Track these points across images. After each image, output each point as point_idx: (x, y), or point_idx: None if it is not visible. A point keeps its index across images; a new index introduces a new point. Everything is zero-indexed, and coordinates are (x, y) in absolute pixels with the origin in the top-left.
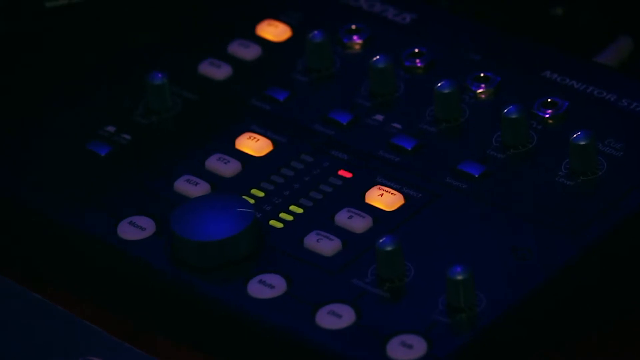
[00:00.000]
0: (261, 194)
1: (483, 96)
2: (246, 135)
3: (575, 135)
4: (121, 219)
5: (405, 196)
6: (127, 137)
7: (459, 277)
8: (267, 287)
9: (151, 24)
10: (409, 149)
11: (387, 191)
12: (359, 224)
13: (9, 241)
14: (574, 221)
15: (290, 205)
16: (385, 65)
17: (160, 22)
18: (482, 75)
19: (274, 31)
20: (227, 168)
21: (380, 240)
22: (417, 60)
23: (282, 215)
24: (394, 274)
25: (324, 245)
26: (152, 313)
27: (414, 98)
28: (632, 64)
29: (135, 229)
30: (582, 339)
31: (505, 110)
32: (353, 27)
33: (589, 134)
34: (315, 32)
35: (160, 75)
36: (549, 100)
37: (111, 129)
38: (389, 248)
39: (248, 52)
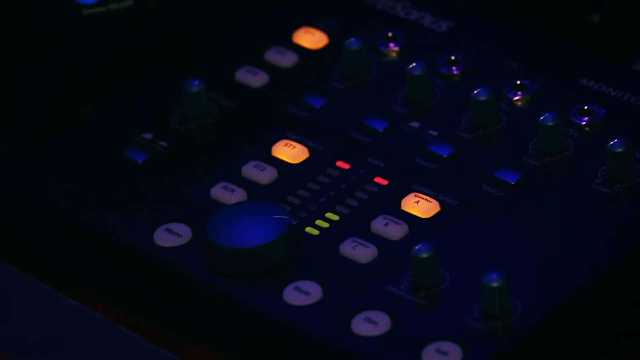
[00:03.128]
0: (297, 201)
1: (520, 103)
2: (282, 142)
3: (611, 143)
4: (158, 225)
5: (441, 203)
6: (164, 144)
7: (495, 284)
8: (303, 293)
9: (188, 31)
10: (445, 156)
11: (423, 198)
12: (395, 231)
13: (46, 247)
14: (610, 228)
15: (326, 212)
16: (422, 72)
17: (198, 29)
18: (518, 82)
19: (310, 38)
20: (264, 175)
21: (416, 248)
22: (454, 68)
23: (318, 222)
24: (430, 281)
25: (359, 252)
26: (187, 319)
27: (450, 105)
28: None
29: (172, 235)
30: (618, 346)
31: (542, 118)
32: (389, 34)
33: (625, 141)
34: (352, 39)
35: (197, 82)
36: (586, 107)
37: (148, 136)
38: (424, 255)
39: (285, 60)
